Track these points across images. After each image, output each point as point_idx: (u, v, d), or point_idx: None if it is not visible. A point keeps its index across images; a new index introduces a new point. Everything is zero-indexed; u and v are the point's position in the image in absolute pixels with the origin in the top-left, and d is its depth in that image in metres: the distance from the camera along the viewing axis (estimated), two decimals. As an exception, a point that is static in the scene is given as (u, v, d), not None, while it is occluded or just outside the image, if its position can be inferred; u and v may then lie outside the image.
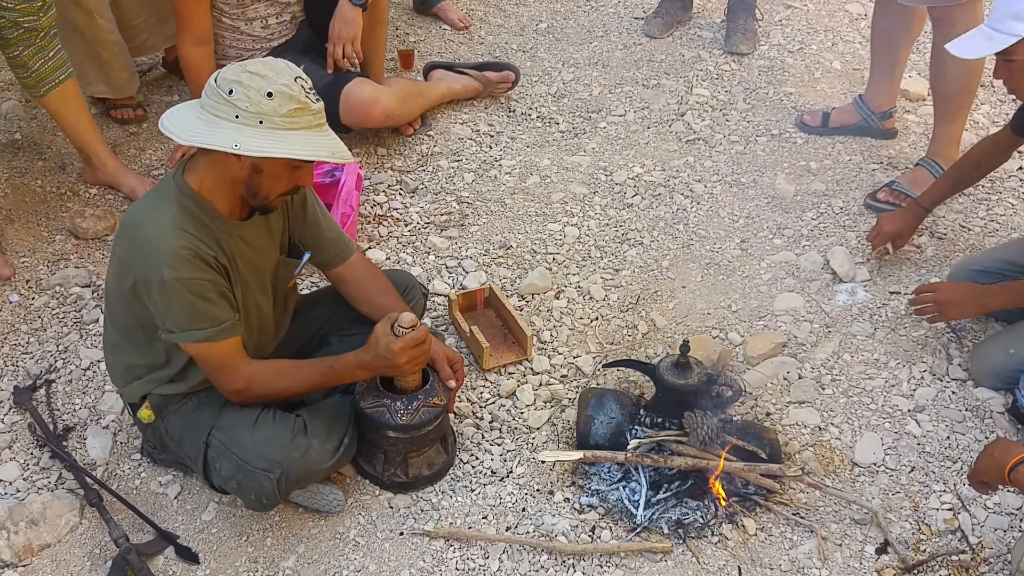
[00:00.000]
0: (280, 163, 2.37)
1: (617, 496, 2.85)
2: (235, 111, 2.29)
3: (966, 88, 3.72)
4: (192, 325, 2.44)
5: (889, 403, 3.16)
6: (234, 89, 2.29)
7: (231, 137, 2.29)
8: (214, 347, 2.50)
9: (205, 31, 3.74)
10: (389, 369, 2.60)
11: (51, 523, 2.73)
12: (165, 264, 2.36)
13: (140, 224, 2.45)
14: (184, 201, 2.44)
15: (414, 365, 2.60)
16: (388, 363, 2.55)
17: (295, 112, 2.31)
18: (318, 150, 2.37)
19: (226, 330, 2.49)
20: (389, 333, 2.52)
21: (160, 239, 2.39)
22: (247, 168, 2.38)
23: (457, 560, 2.70)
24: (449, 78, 4.49)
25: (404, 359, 2.54)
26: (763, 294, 3.58)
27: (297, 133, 2.32)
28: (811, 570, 2.69)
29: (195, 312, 2.43)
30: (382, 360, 2.55)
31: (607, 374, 3.26)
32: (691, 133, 4.40)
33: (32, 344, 3.30)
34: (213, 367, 2.55)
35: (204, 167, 2.45)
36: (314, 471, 2.65)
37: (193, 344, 2.49)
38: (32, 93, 3.59)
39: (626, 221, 3.90)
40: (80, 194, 3.94)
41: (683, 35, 5.09)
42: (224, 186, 2.46)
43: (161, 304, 2.42)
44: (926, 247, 3.73)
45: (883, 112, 4.24)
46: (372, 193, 3.97)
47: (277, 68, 2.33)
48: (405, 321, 2.53)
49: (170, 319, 2.44)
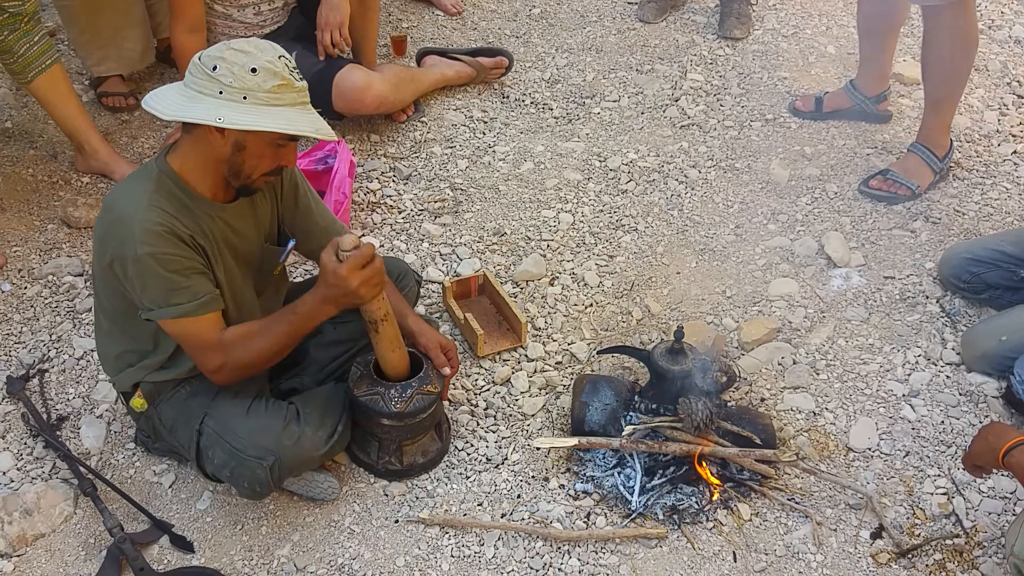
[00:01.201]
0: (263, 140, 2.36)
1: (612, 482, 2.84)
2: (219, 87, 2.28)
3: (956, 75, 3.70)
4: (169, 301, 2.41)
5: (883, 388, 3.16)
6: (218, 65, 2.28)
7: (214, 111, 2.28)
8: (193, 323, 2.45)
9: (198, 19, 3.72)
10: (347, 297, 2.45)
11: (45, 513, 2.73)
12: (138, 240, 2.34)
13: (115, 202, 2.43)
14: (164, 181, 2.43)
15: (370, 288, 2.46)
16: (342, 291, 2.43)
17: (279, 88, 2.30)
18: (302, 126, 2.36)
19: (205, 304, 2.45)
20: (334, 260, 2.42)
21: (134, 215, 2.36)
22: (230, 145, 2.37)
23: (452, 547, 2.70)
24: (442, 64, 4.47)
25: (356, 282, 2.41)
26: (758, 279, 3.58)
27: (281, 109, 2.31)
28: (806, 555, 2.69)
29: (170, 287, 2.39)
30: (336, 289, 2.43)
31: (602, 360, 3.26)
32: (685, 118, 4.39)
33: (25, 334, 3.29)
34: (193, 345, 2.50)
35: (187, 147, 2.44)
36: (307, 459, 2.64)
37: (172, 322, 2.44)
38: (20, 80, 3.59)
39: (620, 207, 3.90)
40: (72, 182, 3.93)
41: (677, 20, 5.07)
42: (207, 166, 2.44)
43: (137, 281, 2.39)
44: (920, 231, 3.73)
45: (876, 96, 4.24)
46: (365, 180, 3.96)
47: (261, 46, 2.33)
48: (346, 244, 2.41)
49: (147, 296, 2.41)
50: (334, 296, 2.45)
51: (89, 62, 4.22)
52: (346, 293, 2.44)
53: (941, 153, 3.84)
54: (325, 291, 2.45)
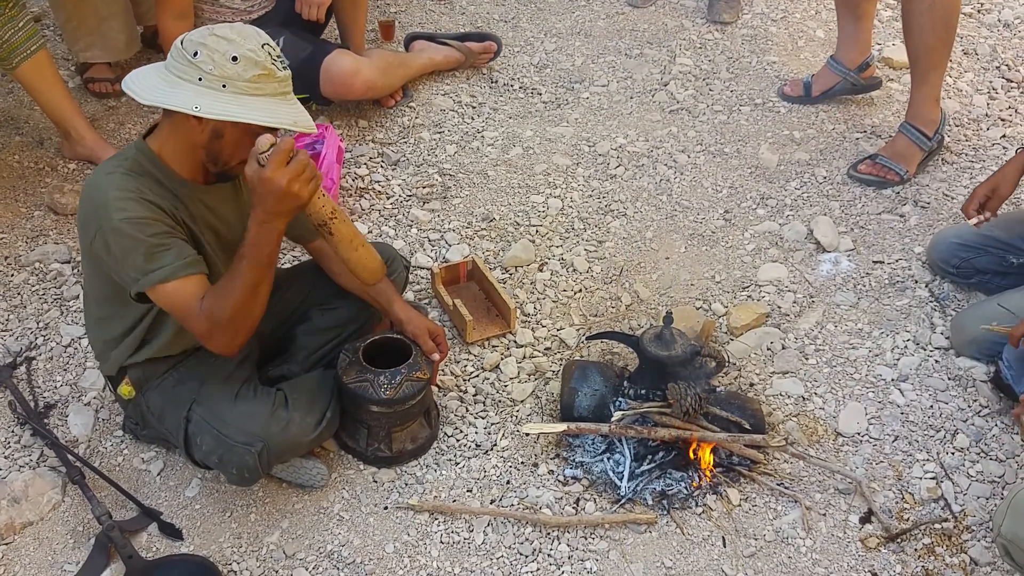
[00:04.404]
0: (241, 129, 2.33)
1: (601, 468, 2.85)
2: (199, 73, 2.25)
3: (935, 47, 3.67)
4: (150, 265, 2.32)
5: (872, 372, 3.16)
6: (199, 51, 2.25)
7: (192, 99, 2.25)
8: (178, 288, 2.35)
9: (185, 5, 3.69)
10: (282, 201, 2.25)
11: (33, 501, 2.72)
12: (112, 208, 2.30)
13: (94, 185, 2.39)
14: (140, 160, 2.41)
15: (303, 184, 2.25)
16: (275, 195, 2.23)
17: (260, 78, 2.27)
18: (281, 117, 2.32)
19: (188, 265, 2.36)
20: (255, 166, 2.24)
21: (108, 188, 2.33)
22: (208, 132, 2.34)
23: (442, 533, 2.70)
24: (430, 49, 4.45)
25: (284, 180, 2.21)
26: (747, 264, 3.58)
27: (260, 99, 2.29)
28: (795, 540, 2.70)
29: (150, 251, 2.32)
30: (269, 197, 2.24)
31: (591, 346, 3.26)
32: (674, 103, 4.38)
33: (12, 321, 3.27)
34: (183, 313, 2.39)
35: (166, 130, 2.42)
36: (296, 445, 2.63)
37: (159, 289, 2.35)
38: (4, 66, 3.56)
39: (609, 192, 3.89)
40: (59, 169, 3.91)
41: (666, 4, 5.06)
42: (185, 150, 2.42)
43: (118, 251, 2.33)
44: (909, 216, 3.73)
45: (858, 66, 4.21)
46: (354, 166, 3.94)
47: (244, 33, 2.29)
48: (262, 144, 2.22)
49: (129, 264, 2.33)
50: (271, 206, 2.26)
51: (75, 48, 4.20)
52: (280, 197, 2.24)
53: (931, 130, 3.83)
54: (260, 202, 2.27)
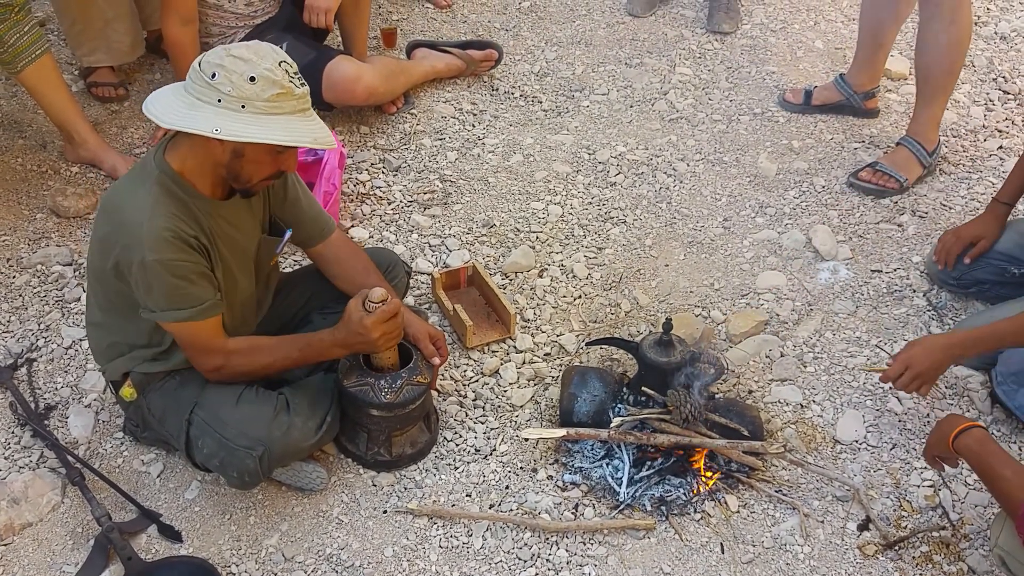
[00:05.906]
0: (262, 148, 2.36)
1: (600, 473, 2.85)
2: (217, 95, 2.27)
3: (949, 70, 3.72)
4: (173, 305, 2.44)
5: (870, 380, 3.17)
6: (217, 73, 2.27)
7: (212, 121, 2.27)
8: (194, 327, 2.49)
9: (190, 11, 3.71)
10: (364, 346, 2.60)
11: (33, 502, 2.72)
12: (147, 246, 2.35)
13: (121, 206, 2.43)
14: (165, 182, 2.42)
15: (388, 340, 2.61)
16: (362, 339, 2.56)
17: (278, 97, 2.29)
18: (300, 136, 2.34)
19: (207, 310, 2.48)
20: (361, 309, 2.53)
21: (142, 221, 2.37)
22: (229, 152, 2.37)
23: (440, 538, 2.71)
24: (432, 56, 4.47)
25: (377, 334, 2.54)
26: (745, 272, 3.59)
27: (279, 118, 2.30)
28: (793, 547, 2.71)
29: (176, 293, 2.42)
30: (356, 336, 2.55)
31: (590, 352, 3.27)
32: (674, 112, 4.39)
33: (13, 323, 3.28)
34: (192, 346, 2.55)
35: (186, 148, 2.43)
36: (297, 449, 2.64)
37: (173, 324, 2.49)
38: (9, 69, 3.57)
39: (609, 200, 3.90)
40: (61, 172, 3.91)
41: (666, 14, 5.08)
42: (206, 168, 2.44)
43: (142, 284, 2.41)
44: (907, 225, 3.75)
45: (865, 92, 4.25)
46: (355, 172, 3.95)
47: (261, 52, 2.31)
48: (375, 296, 2.53)
49: (151, 299, 2.44)
50: (353, 342, 2.58)
51: (79, 52, 4.21)
52: (365, 343, 2.58)
53: (930, 148, 3.87)
54: (346, 335, 2.57)
